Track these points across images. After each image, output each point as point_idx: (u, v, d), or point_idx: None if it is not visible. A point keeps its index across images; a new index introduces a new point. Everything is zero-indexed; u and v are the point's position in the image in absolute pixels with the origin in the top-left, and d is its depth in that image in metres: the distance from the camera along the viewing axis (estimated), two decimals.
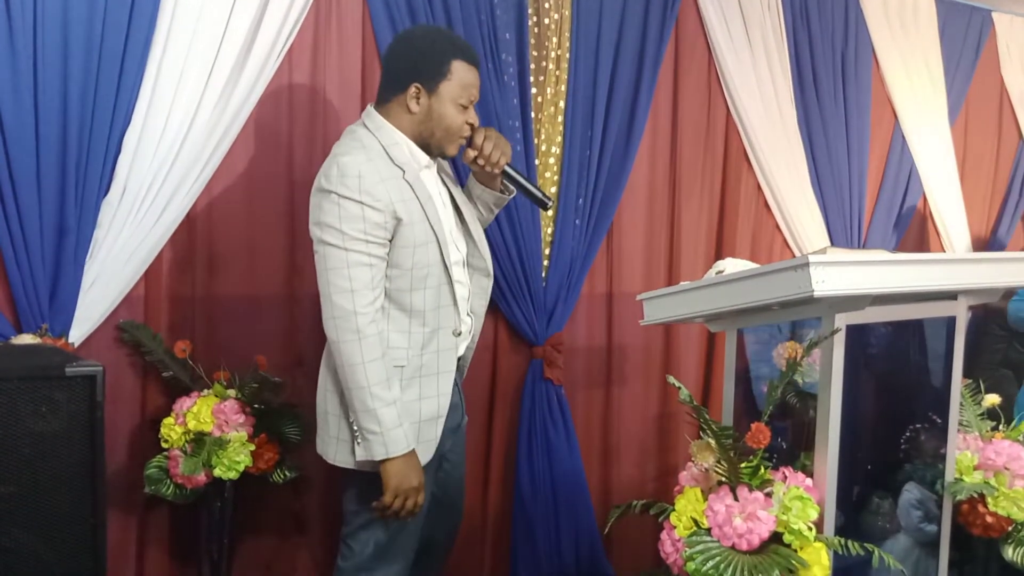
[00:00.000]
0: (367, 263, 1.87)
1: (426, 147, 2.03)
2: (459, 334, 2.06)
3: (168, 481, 2.29)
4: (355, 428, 1.91)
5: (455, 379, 2.08)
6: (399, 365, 1.95)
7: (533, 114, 2.86)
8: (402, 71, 1.97)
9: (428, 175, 2.05)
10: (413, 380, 1.96)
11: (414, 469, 1.91)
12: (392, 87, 1.99)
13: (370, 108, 2.03)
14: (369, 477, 1.94)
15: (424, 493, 1.95)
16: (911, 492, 2.15)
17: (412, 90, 1.96)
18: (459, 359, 2.11)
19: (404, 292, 1.94)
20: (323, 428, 2.02)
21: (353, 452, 1.94)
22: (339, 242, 1.85)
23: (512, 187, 2.22)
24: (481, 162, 2.10)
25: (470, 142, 2.08)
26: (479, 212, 2.23)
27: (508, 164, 2.13)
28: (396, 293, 1.94)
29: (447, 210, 2.08)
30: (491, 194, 2.23)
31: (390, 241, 1.91)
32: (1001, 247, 4.13)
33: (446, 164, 2.22)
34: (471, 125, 2.05)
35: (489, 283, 2.16)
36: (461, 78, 1.98)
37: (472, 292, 2.13)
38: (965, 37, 3.91)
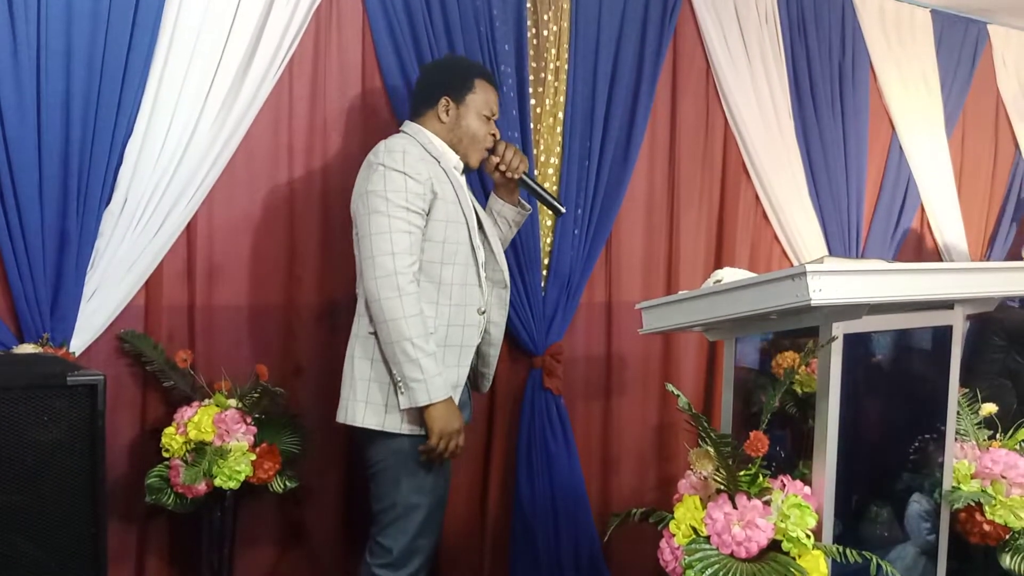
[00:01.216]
0: (407, 230, 2.04)
1: None
2: (483, 312, 2.23)
3: (169, 490, 2.29)
4: (398, 380, 2.04)
5: (467, 379, 2.21)
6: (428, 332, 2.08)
7: (532, 125, 2.87)
8: (433, 87, 2.24)
9: (458, 177, 2.21)
10: (437, 350, 2.08)
11: (454, 413, 2.07)
12: (424, 103, 2.25)
13: (405, 121, 2.28)
14: (394, 443, 2.09)
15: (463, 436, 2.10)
16: (919, 503, 2.16)
17: (443, 102, 2.22)
18: (484, 367, 2.30)
19: (435, 264, 2.12)
20: (349, 394, 2.14)
21: (385, 413, 2.08)
22: (384, 208, 2.03)
23: (529, 197, 2.42)
24: (503, 168, 2.31)
25: (492, 151, 2.29)
26: (499, 230, 2.39)
27: (525, 172, 2.34)
28: (428, 265, 2.11)
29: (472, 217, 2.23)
30: (511, 209, 2.41)
31: (427, 214, 2.09)
32: (998, 257, 4.14)
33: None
34: (493, 136, 2.28)
35: (506, 294, 2.30)
36: (484, 93, 2.25)
37: (492, 303, 2.26)
38: (961, 49, 3.93)
